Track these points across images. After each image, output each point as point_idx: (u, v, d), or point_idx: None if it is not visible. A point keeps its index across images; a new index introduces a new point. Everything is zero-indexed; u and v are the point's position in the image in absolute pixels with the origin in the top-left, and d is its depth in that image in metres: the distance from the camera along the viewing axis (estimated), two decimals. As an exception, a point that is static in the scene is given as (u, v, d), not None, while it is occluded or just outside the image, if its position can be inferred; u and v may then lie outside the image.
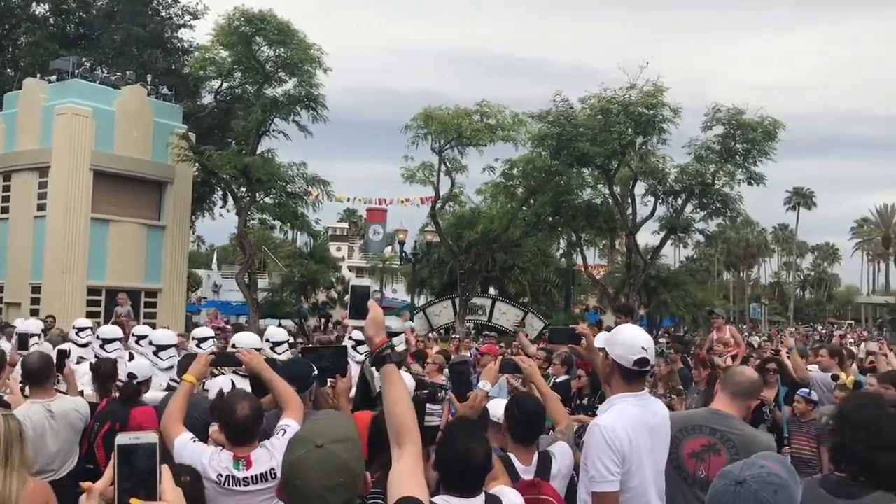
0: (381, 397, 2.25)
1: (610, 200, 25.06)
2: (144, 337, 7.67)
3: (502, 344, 15.26)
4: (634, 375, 3.29)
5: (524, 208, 25.33)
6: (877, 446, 2.39)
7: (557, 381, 7.66)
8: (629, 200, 26.10)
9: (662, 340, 21.50)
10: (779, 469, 1.72)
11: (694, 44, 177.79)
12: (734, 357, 10.18)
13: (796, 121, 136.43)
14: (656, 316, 33.37)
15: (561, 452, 3.45)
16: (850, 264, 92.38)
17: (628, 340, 3.29)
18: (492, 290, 33.81)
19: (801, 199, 79.87)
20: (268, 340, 7.39)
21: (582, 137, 22.04)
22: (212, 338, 7.80)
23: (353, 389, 4.37)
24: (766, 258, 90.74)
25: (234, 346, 6.40)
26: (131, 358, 6.75)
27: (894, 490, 2.39)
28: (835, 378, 7.12)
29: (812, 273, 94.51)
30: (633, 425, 3.16)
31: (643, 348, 3.24)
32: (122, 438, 1.54)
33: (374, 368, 3.08)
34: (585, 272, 31.53)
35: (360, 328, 2.52)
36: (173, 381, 6.38)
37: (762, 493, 1.65)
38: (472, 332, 26.35)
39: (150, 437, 1.57)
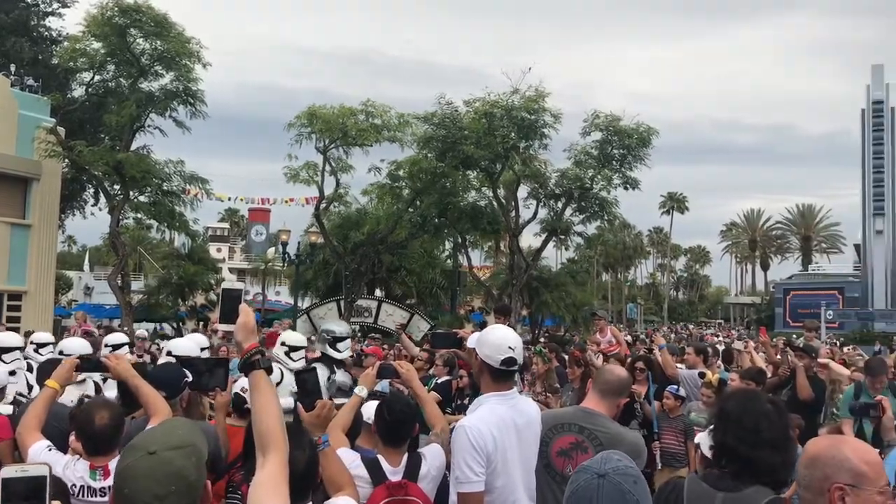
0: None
1: (494, 203, 25.44)
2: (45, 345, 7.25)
3: (385, 346, 15.20)
4: (502, 375, 3.30)
5: (410, 210, 25.35)
6: (756, 444, 2.48)
7: (439, 381, 7.68)
8: (513, 203, 26.62)
9: (543, 340, 22.04)
10: (629, 462, 1.77)
11: (580, 52, 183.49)
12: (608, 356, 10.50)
13: (673, 128, 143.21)
14: (538, 316, 34.14)
15: (432, 454, 3.43)
16: (720, 266, 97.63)
17: (496, 341, 3.30)
18: (378, 292, 33.69)
19: (674, 203, 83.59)
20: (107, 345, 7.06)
21: (467, 140, 22.27)
22: (51, 344, 7.33)
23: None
24: (642, 260, 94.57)
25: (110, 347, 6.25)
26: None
27: (770, 484, 2.48)
28: (701, 375, 7.46)
29: (685, 274, 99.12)
30: (498, 425, 3.17)
31: (510, 348, 3.25)
32: (6, 472, 1.37)
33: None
34: (470, 273, 31.88)
35: (230, 332, 2.42)
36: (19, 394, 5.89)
37: (624, 484, 1.69)
38: (358, 334, 26.19)
39: (40, 469, 1.41)
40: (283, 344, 6.95)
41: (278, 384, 6.01)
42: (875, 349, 24.65)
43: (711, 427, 2.73)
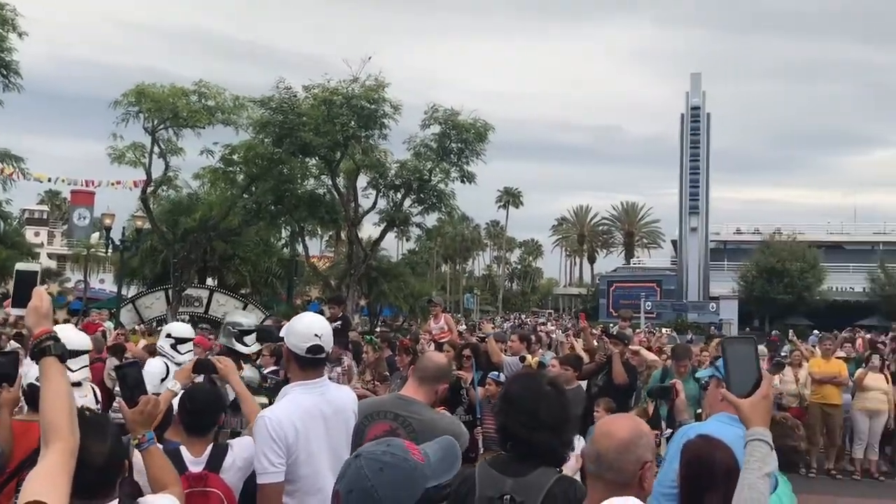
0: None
1: (333, 192, 25.19)
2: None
3: (212, 336, 14.67)
4: (309, 363, 3.25)
5: (245, 196, 24.59)
6: (535, 426, 2.55)
7: (267, 371, 7.52)
8: (352, 193, 26.48)
9: (378, 329, 22.13)
10: (397, 451, 1.70)
11: (425, 45, 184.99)
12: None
13: (514, 125, 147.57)
14: (377, 306, 34.23)
15: (241, 445, 3.34)
16: (551, 259, 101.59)
17: (302, 328, 3.25)
18: (210, 281, 32.51)
19: (510, 198, 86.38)
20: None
21: (305, 127, 21.88)
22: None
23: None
24: (479, 252, 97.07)
25: None
26: None
27: (552, 464, 2.56)
28: (522, 360, 7.73)
29: (519, 266, 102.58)
30: (302, 415, 3.12)
31: (317, 335, 3.21)
32: None
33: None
34: (308, 263, 31.46)
35: (22, 317, 2.22)
36: None
37: (366, 469, 1.63)
38: (189, 324, 25.12)
39: None
40: (168, 336, 6.52)
41: (163, 380, 5.66)
42: (687, 338, 26.49)
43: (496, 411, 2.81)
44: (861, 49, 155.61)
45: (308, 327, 3.24)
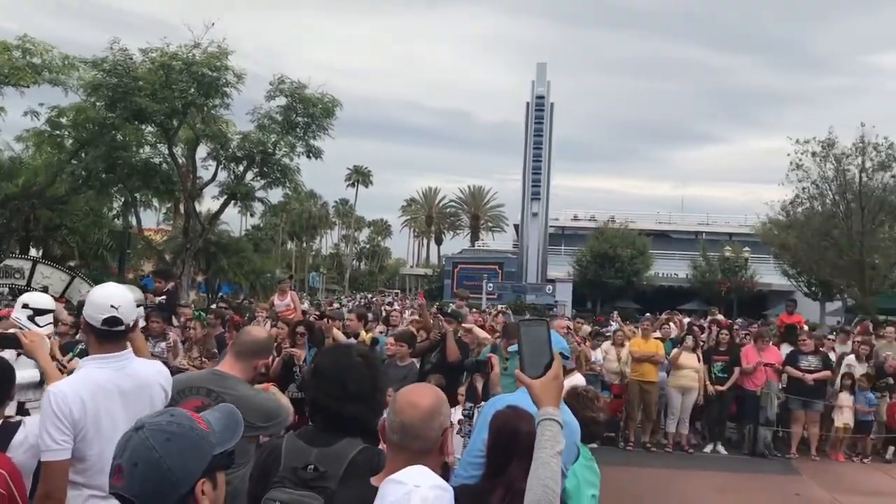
0: None
1: (170, 161, 24.03)
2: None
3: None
4: (106, 336, 3.08)
5: (73, 162, 22.97)
6: (343, 398, 2.54)
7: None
8: (191, 163, 25.38)
9: (215, 306, 21.37)
10: (183, 421, 1.65)
11: (276, 17, 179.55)
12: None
13: (365, 103, 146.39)
14: (215, 282, 33.15)
15: (34, 423, 3.12)
16: (400, 239, 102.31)
17: (99, 299, 3.09)
18: (33, 252, 30.24)
19: (360, 176, 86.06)
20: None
21: (141, 92, 20.64)
22: None
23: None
24: (327, 230, 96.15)
25: None
26: None
27: (360, 435, 2.55)
28: (356, 336, 7.73)
29: (367, 246, 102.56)
30: (93, 389, 2.96)
31: (114, 307, 3.05)
32: None
33: None
34: (141, 235, 29.95)
35: None
36: None
37: (151, 440, 1.58)
38: (9, 297, 23.30)
39: None
40: (25, 307, 5.80)
41: (20, 355, 5.09)
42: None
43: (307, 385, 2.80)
44: (700, 51, 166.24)
45: (106, 298, 3.08)
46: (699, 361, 11.61)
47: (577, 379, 7.30)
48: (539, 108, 47.70)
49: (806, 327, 14.54)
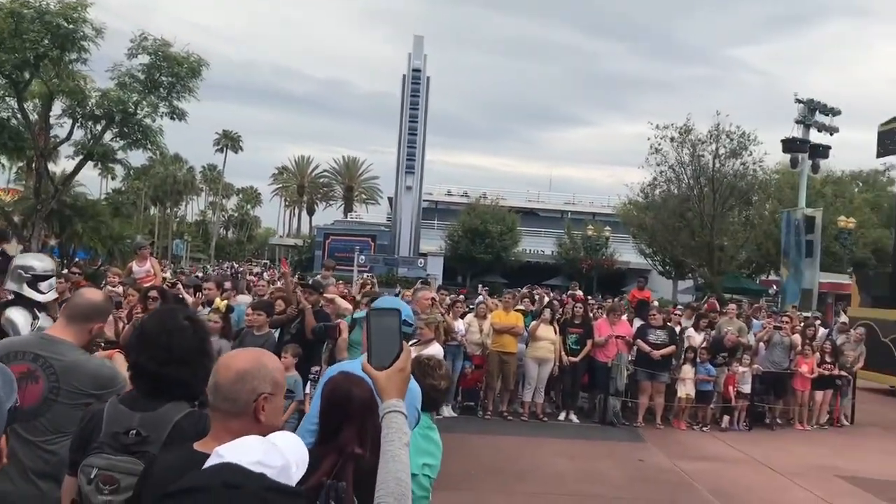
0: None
1: (20, 117, 22.46)
2: None
3: None
4: None
5: None
6: (166, 361, 2.47)
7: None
8: (44, 120, 23.81)
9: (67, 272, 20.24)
10: None
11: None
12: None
13: (238, 67, 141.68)
14: (69, 247, 31.36)
15: None
16: (270, 208, 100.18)
17: None
18: None
19: (229, 141, 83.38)
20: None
21: (-14, 40, 19.22)
22: None
23: None
24: (193, 196, 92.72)
25: None
26: None
27: (185, 398, 2.50)
28: (210, 304, 7.56)
29: (236, 214, 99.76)
30: None
31: None
32: None
33: None
34: (-14, 195, 27.94)
35: None
36: None
37: None
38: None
39: None
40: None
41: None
42: (395, 291, 27.48)
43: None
44: (573, 34, 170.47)
45: None
46: (556, 334, 12.06)
47: (435, 349, 7.42)
48: (415, 82, 47.63)
49: (656, 303, 15.36)
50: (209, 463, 1.69)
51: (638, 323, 12.93)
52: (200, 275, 21.15)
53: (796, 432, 12.80)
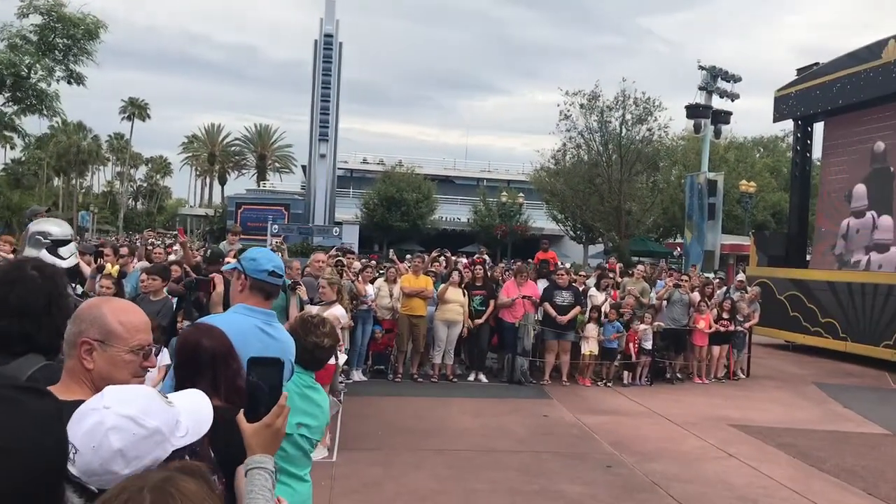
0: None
1: None
2: None
3: None
4: None
5: None
6: (2, 313, 2.36)
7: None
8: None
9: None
10: None
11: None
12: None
13: (145, 33, 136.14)
14: (-37, 219, 29.94)
15: None
16: (181, 178, 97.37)
17: None
18: None
19: (136, 109, 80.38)
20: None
21: None
22: None
23: None
24: (99, 167, 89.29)
25: None
26: None
27: (42, 352, 2.40)
28: (101, 269, 7.35)
29: (145, 184, 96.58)
30: None
31: None
32: None
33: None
34: None
35: None
36: None
37: None
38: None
39: None
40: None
41: None
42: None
43: None
44: (488, 2, 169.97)
45: None
46: (464, 296, 12.21)
47: (337, 311, 7.43)
48: (327, 47, 46.80)
49: (560, 263, 15.72)
50: (81, 412, 1.63)
51: (544, 284, 13.19)
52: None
53: (695, 386, 13.37)
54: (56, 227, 5.29)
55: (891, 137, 18.81)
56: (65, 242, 5.20)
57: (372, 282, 12.56)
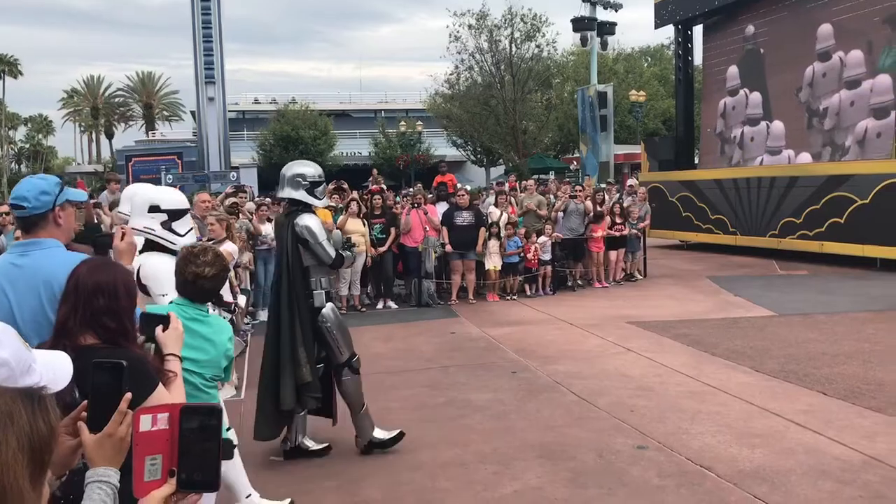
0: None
1: None
2: None
3: None
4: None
5: None
6: None
7: None
8: None
9: None
10: None
11: None
12: None
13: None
14: None
15: None
16: (65, 135, 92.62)
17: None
18: None
19: (5, 66, 75.42)
20: None
21: None
22: None
23: None
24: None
25: None
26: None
27: None
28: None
29: (27, 146, 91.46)
30: None
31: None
32: None
33: None
34: None
35: None
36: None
37: None
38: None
39: None
40: (154, 209, 4.00)
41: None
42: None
43: None
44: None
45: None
46: (364, 226, 12.20)
47: (228, 247, 7.33)
48: (204, -15, 44.78)
49: (459, 185, 15.86)
50: None
51: (444, 206, 13.29)
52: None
53: (595, 290, 13.87)
54: (309, 169, 5.64)
55: (761, 26, 19.61)
56: (319, 183, 5.64)
57: (269, 220, 12.38)
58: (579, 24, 25.89)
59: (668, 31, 26.14)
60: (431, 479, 5.31)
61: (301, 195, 5.50)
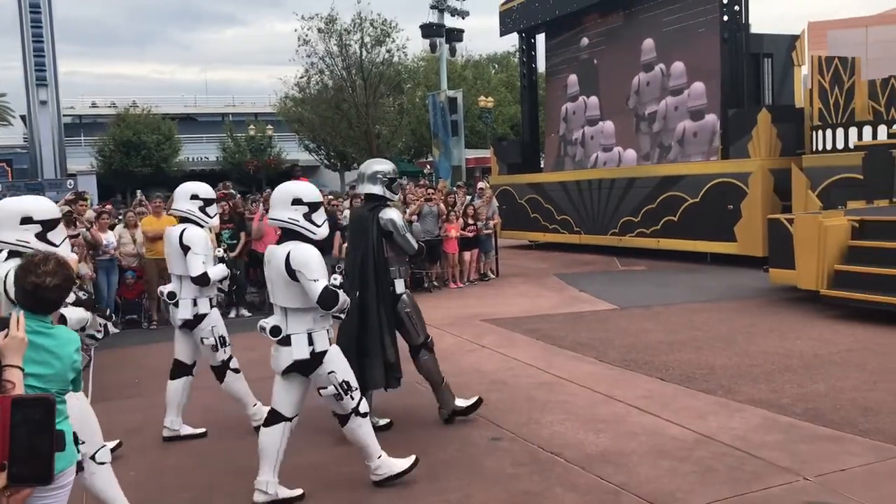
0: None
1: None
2: None
3: None
4: None
5: None
6: None
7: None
8: None
9: None
10: None
11: None
12: None
13: None
14: None
15: None
16: None
17: None
18: None
19: None
20: None
21: None
22: None
23: None
24: None
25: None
26: None
27: None
28: None
29: None
30: None
31: None
32: None
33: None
34: None
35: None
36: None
37: None
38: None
39: None
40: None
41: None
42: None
43: None
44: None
45: None
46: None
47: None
48: (32, -16, 42.09)
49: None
50: None
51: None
52: None
53: (451, 290, 14.16)
54: (384, 167, 6.15)
55: (595, 37, 20.71)
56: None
57: (111, 228, 11.85)
58: (428, 31, 26.32)
59: (514, 39, 27.06)
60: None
61: (380, 190, 6.03)
